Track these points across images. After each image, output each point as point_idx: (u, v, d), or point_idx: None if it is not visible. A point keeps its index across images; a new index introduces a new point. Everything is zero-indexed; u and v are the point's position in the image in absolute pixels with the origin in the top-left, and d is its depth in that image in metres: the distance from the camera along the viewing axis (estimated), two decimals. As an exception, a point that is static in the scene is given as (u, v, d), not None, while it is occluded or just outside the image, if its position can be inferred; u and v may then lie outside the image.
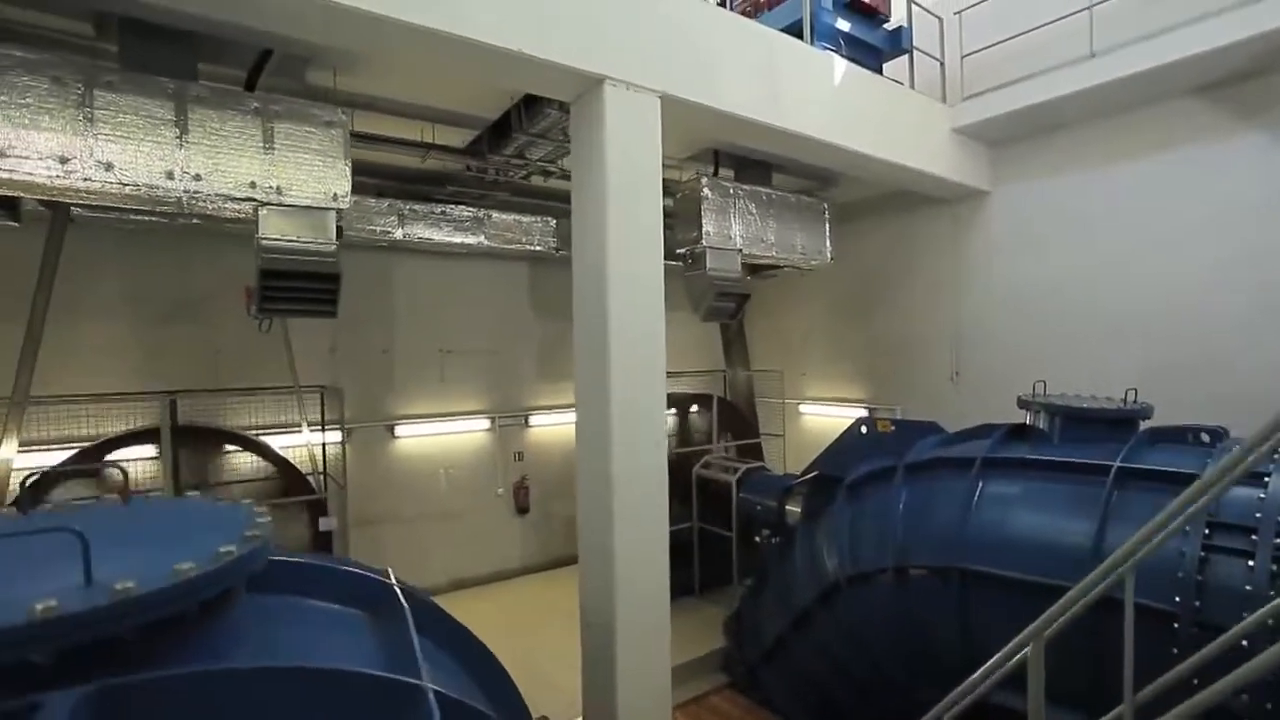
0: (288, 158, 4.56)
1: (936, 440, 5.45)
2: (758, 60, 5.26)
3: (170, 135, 4.19)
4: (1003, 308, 7.45)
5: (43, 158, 3.87)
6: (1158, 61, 5.57)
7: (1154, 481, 3.92)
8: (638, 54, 4.53)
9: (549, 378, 8.88)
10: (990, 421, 7.28)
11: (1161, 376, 6.15)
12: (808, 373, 9.63)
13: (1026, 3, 6.77)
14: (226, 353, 6.85)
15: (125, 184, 4.08)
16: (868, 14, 6.43)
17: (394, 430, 7.77)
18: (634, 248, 4.64)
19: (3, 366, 5.76)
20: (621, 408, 4.54)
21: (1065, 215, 6.93)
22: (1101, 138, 6.63)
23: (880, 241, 8.60)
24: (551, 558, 8.84)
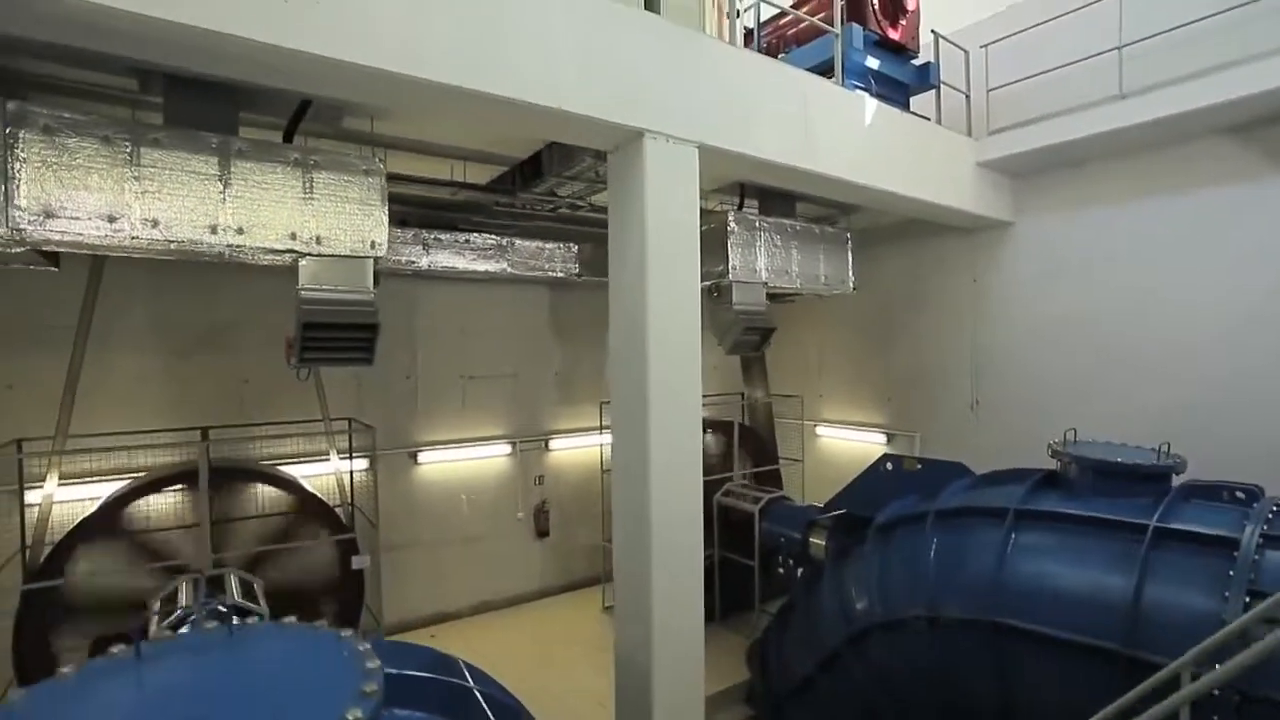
0: (327, 208, 4.58)
1: (965, 483, 5.48)
2: (792, 105, 5.27)
3: (214, 190, 4.21)
4: (1024, 338, 7.48)
5: (91, 217, 3.89)
6: (1188, 106, 5.58)
7: (1191, 543, 3.96)
8: (677, 107, 4.55)
9: (569, 401, 8.92)
10: (1010, 451, 7.39)
11: (1187, 415, 6.20)
12: (825, 395, 9.66)
13: (1053, 37, 6.77)
14: (254, 382, 6.90)
15: (170, 240, 4.10)
16: (897, 50, 6.43)
17: (417, 457, 7.81)
18: (673, 298, 4.70)
19: (40, 400, 5.85)
20: (660, 454, 4.61)
21: (1090, 249, 6.94)
22: (1127, 173, 6.64)
23: (900, 267, 8.62)
24: (570, 580, 8.91)
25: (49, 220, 3.79)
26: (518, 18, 3.88)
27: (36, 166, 3.75)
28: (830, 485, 9.13)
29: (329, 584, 5.80)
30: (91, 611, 4.87)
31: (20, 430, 5.74)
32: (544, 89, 3.98)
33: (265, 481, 5.59)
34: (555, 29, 4.03)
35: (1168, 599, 3.91)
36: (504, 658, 7.19)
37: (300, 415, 6.56)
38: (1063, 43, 6.76)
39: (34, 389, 5.95)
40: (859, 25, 5.97)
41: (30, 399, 5.93)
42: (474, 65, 3.74)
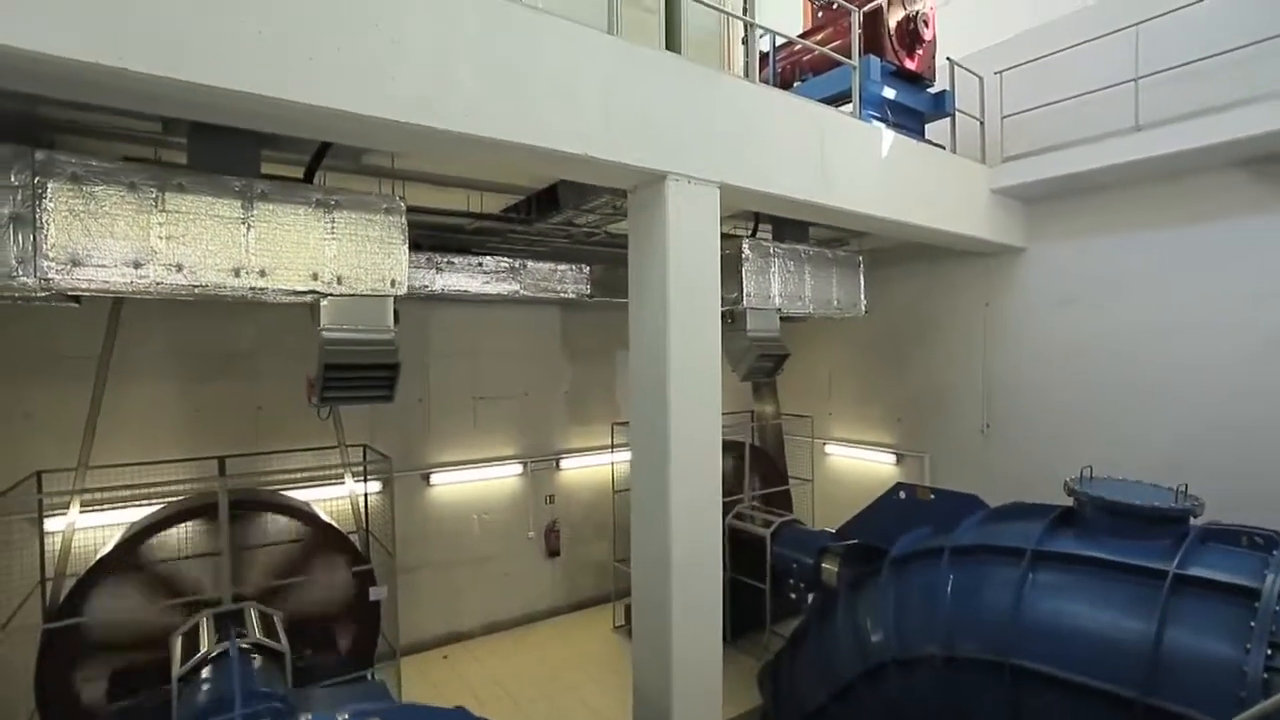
0: (348, 248, 4.58)
1: (980, 517, 5.50)
2: (810, 140, 5.27)
3: (237, 233, 4.22)
4: (1036, 363, 7.49)
5: (117, 264, 3.90)
6: (1204, 142, 5.59)
7: (1211, 590, 3.99)
8: (699, 148, 4.56)
9: (579, 420, 8.94)
10: (1021, 476, 7.43)
11: (1200, 444, 6.22)
12: (835, 414, 9.68)
13: (1067, 62, 6.77)
14: (268, 408, 6.92)
15: (195, 284, 4.11)
16: (913, 79, 6.43)
17: (429, 478, 7.83)
18: (693, 335, 4.73)
19: (58, 428, 5.88)
20: (680, 491, 4.65)
21: (1102, 277, 6.95)
22: (1141, 202, 6.64)
23: (911, 288, 8.63)
24: (579, 598, 8.95)
25: (75, 269, 3.80)
26: (541, 64, 3.89)
27: (64, 215, 3.76)
28: (840, 505, 9.18)
29: (346, 612, 5.82)
30: (112, 647, 4.90)
31: (38, 458, 5.79)
32: (567, 135, 3.99)
33: (282, 513, 5.60)
34: (578, 73, 4.04)
35: (1187, 647, 3.93)
36: (515, 678, 7.25)
37: (314, 439, 6.57)
38: (1078, 68, 6.77)
39: (52, 417, 5.99)
40: (876, 57, 5.96)
41: (48, 427, 5.97)
42: (497, 114, 3.74)
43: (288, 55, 3.13)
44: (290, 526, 5.65)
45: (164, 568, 5.12)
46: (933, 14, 6.40)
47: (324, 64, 3.23)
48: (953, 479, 8.15)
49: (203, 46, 2.94)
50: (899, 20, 6.14)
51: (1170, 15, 6.01)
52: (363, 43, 3.32)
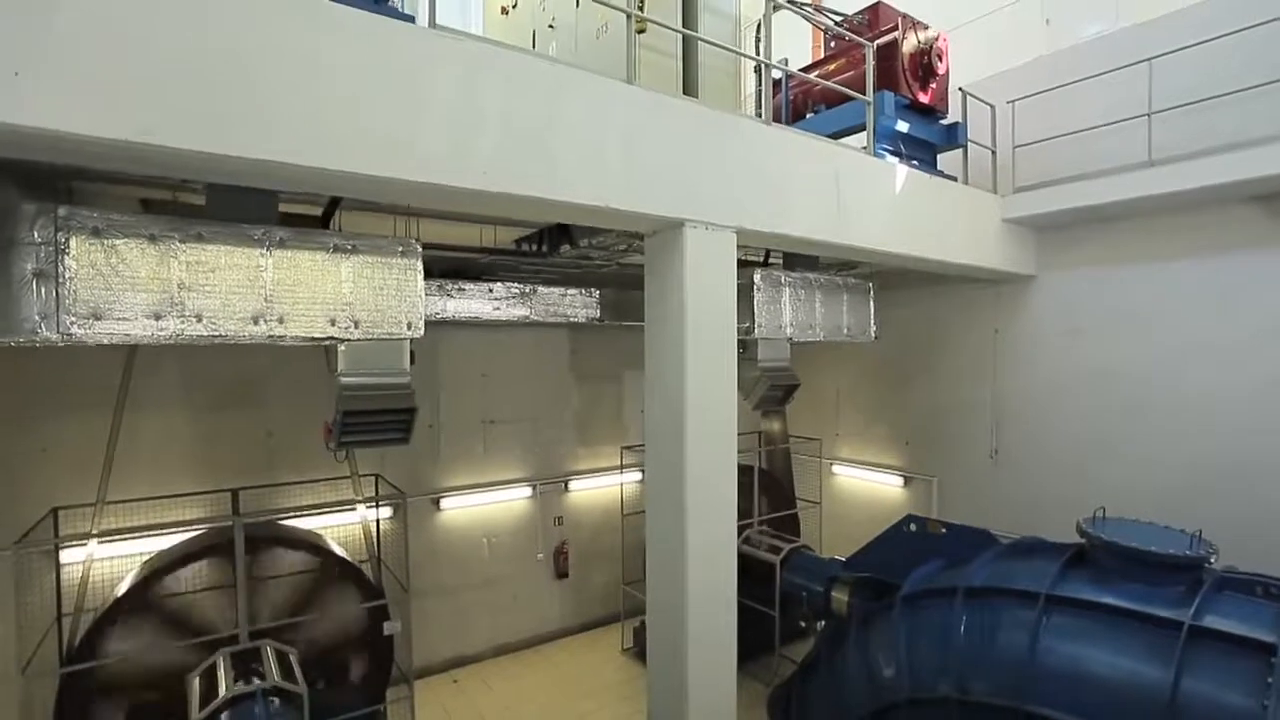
0: (365, 294, 4.59)
1: (992, 555, 5.51)
2: (825, 179, 5.28)
3: (257, 282, 4.23)
4: (1046, 391, 7.50)
5: (138, 316, 3.91)
6: (1218, 180, 5.59)
7: (1228, 643, 4.01)
8: (717, 195, 4.57)
9: (588, 442, 8.96)
10: (1031, 503, 7.45)
11: (1211, 476, 6.24)
12: (842, 434, 9.70)
13: (1080, 93, 6.77)
14: (278, 435, 6.94)
15: (215, 334, 4.12)
16: (926, 112, 6.42)
17: (439, 503, 7.85)
18: (710, 374, 4.75)
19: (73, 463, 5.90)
20: (696, 534, 4.69)
21: (1113, 307, 6.95)
22: (1153, 233, 6.64)
23: (920, 312, 8.63)
24: (589, 619, 8.98)
25: (97, 322, 3.81)
26: (562, 118, 3.89)
27: (86, 270, 3.77)
28: (847, 527, 9.22)
29: (360, 643, 5.84)
30: (129, 686, 4.92)
31: (53, 492, 5.82)
32: (586, 187, 4.00)
33: (297, 547, 5.62)
34: (598, 125, 4.04)
35: (1205, 699, 3.96)
36: (527, 703, 7.29)
37: (325, 465, 6.56)
38: (1090, 97, 6.76)
39: (67, 452, 6.00)
40: (890, 91, 5.95)
41: (64, 461, 5.98)
42: (517, 171, 3.75)
43: (315, 126, 3.14)
44: (305, 560, 5.67)
45: (179, 606, 5.13)
46: (946, 46, 6.39)
47: (349, 131, 3.23)
48: (961, 504, 8.18)
49: (233, 120, 2.94)
50: (913, 53, 6.13)
51: (1184, 45, 5.99)
52: (387, 108, 3.33)
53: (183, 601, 5.13)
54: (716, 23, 5.09)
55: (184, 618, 5.12)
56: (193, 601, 5.19)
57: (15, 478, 5.90)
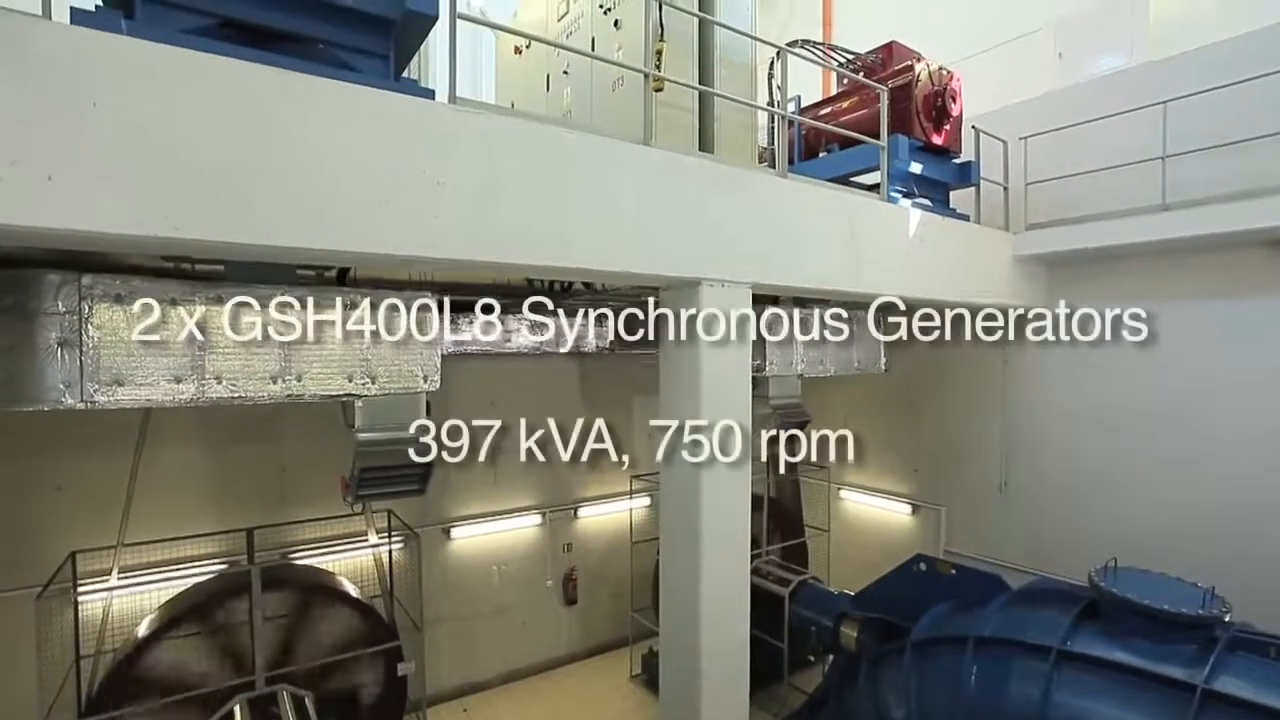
0: (383, 349, 4.61)
1: (1002, 602, 5.53)
2: (839, 228, 5.29)
3: (275, 342, 4.25)
4: (1056, 425, 7.50)
5: (159, 381, 3.94)
6: (1235, 227, 5.58)
7: (1241, 708, 4.03)
8: (732, 253, 4.60)
9: (597, 468, 8.97)
10: (1039, 538, 7.47)
11: (1221, 516, 6.25)
12: (850, 458, 9.70)
13: (1093, 131, 6.75)
14: (292, 469, 6.97)
15: (234, 395, 4.15)
16: (939, 152, 6.42)
17: (449, 532, 7.90)
18: (725, 426, 4.76)
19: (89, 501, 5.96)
20: (710, 580, 4.76)
21: (1123, 344, 6.94)
22: (1165, 273, 6.62)
23: (930, 344, 8.60)
24: (596, 644, 9.03)
25: (119, 388, 3.84)
26: (579, 186, 3.91)
27: (109, 337, 3.80)
28: (853, 551, 9.27)
29: (373, 680, 5.90)
30: (148, 731, 4.98)
31: (69, 527, 5.88)
32: (603, 254, 4.03)
33: (313, 590, 5.67)
34: (616, 190, 4.06)
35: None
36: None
37: (339, 500, 6.55)
38: (1104, 133, 6.74)
39: (83, 489, 6.04)
40: (904, 135, 5.94)
41: (80, 498, 6.03)
42: (535, 241, 3.79)
43: (336, 209, 3.16)
44: (321, 602, 5.72)
45: (194, 653, 5.18)
46: (959, 87, 6.38)
47: (369, 213, 3.26)
48: (970, 534, 8.20)
49: (257, 210, 2.97)
50: (926, 95, 6.12)
51: (1199, 90, 5.98)
52: (409, 190, 3.35)
53: (198, 648, 5.17)
54: (732, 74, 5.08)
55: (199, 665, 5.17)
56: (209, 647, 5.24)
57: (31, 514, 5.95)
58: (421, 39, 3.73)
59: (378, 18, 3.42)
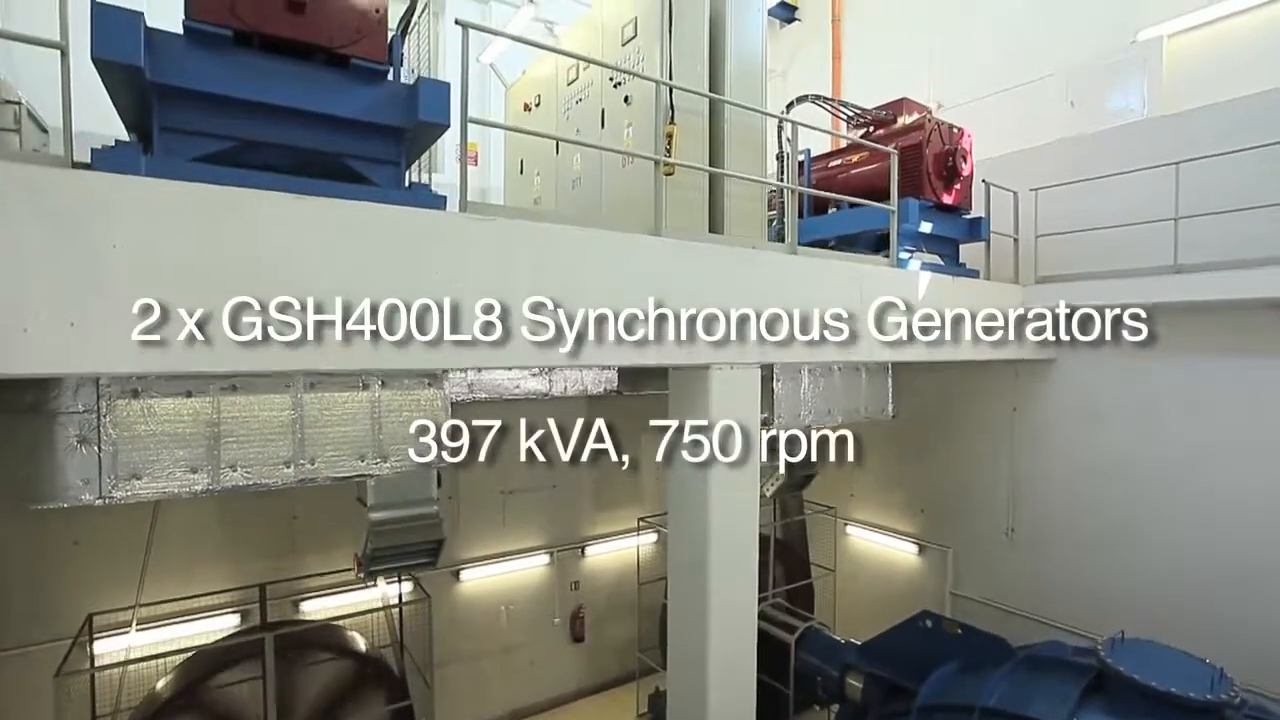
0: (394, 428, 4.66)
1: (1009, 669, 5.54)
2: (849, 296, 5.28)
3: (288, 428, 4.30)
4: (1064, 473, 7.49)
5: (176, 472, 4.00)
6: (1248, 295, 5.55)
7: (1246, 801, 4.05)
8: (742, 338, 4.58)
9: (604, 507, 9.04)
10: (1046, 586, 7.47)
11: (1231, 573, 6.23)
12: (856, 495, 9.73)
13: (1105, 183, 6.71)
14: (304, 517, 7.05)
15: (250, 482, 4.21)
16: (949, 210, 6.40)
17: (459, 574, 7.97)
18: (734, 508, 4.80)
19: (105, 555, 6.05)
20: (718, 649, 4.76)
21: (1131, 397, 6.92)
22: (1176, 329, 6.57)
23: (938, 384, 8.60)
24: (603, 681, 9.10)
25: (136, 482, 3.91)
26: (590, 283, 3.92)
27: (126, 434, 3.86)
28: (863, 590, 9.29)
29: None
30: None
31: (86, 583, 5.98)
32: (615, 351, 4.03)
33: (326, 648, 5.74)
34: (626, 284, 4.07)
35: None
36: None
37: (349, 545, 6.64)
38: (1115, 185, 6.70)
39: (100, 543, 6.13)
40: (913, 199, 5.93)
41: (96, 553, 6.12)
42: (545, 339, 3.79)
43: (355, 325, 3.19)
44: (332, 659, 5.79)
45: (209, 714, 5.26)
46: (970, 145, 6.35)
47: (388, 325, 3.29)
48: (977, 578, 8.22)
49: (276, 334, 3.00)
50: (937, 154, 6.10)
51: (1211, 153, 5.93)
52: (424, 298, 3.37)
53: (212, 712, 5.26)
54: (743, 147, 5.07)
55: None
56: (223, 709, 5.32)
57: (49, 568, 6.05)
58: (433, 141, 3.75)
59: (391, 128, 3.45)
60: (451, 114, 3.47)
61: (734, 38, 5.23)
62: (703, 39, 5.00)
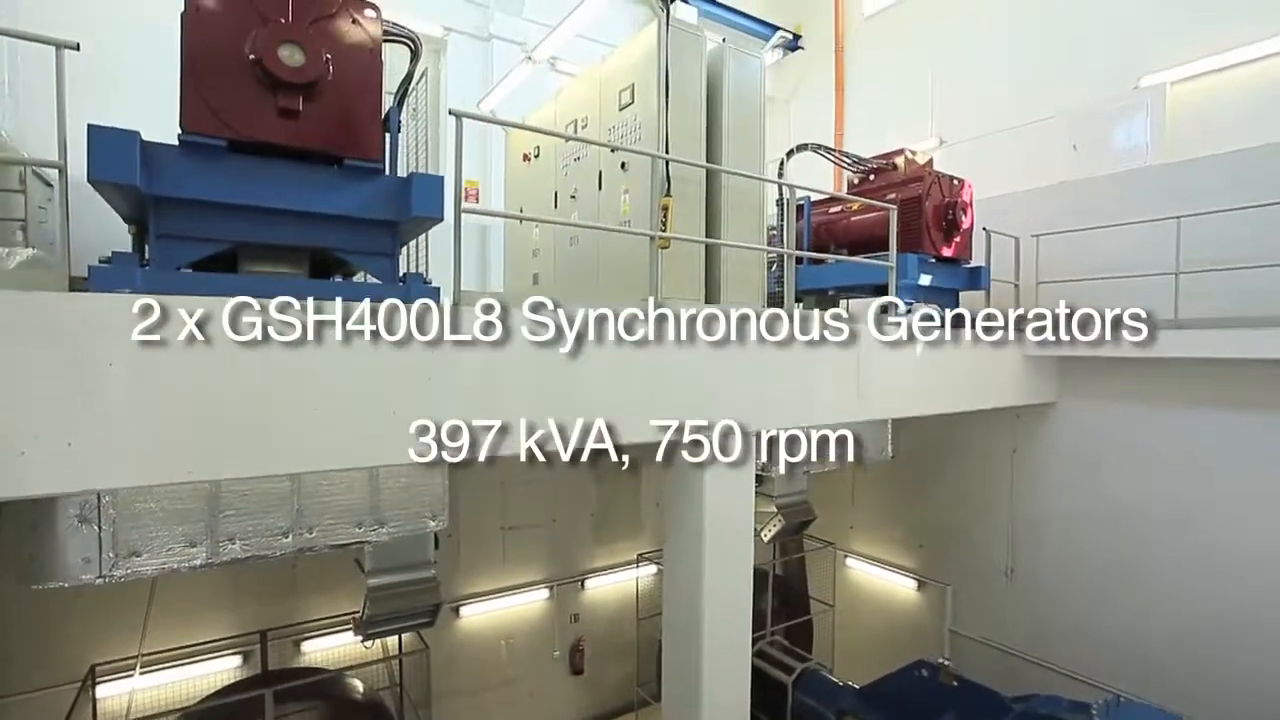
0: (391, 493, 4.70)
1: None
2: (848, 363, 5.28)
3: (287, 500, 4.35)
4: (1065, 517, 7.46)
5: (175, 548, 4.05)
6: (1248, 355, 5.52)
7: None
8: (739, 410, 4.58)
9: (603, 540, 9.07)
10: (1046, 629, 7.46)
11: (1233, 623, 6.21)
12: (856, 527, 9.73)
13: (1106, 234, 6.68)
14: (303, 560, 7.10)
15: (248, 554, 4.26)
16: (949, 262, 6.38)
17: (459, 610, 8.02)
18: (729, 584, 4.79)
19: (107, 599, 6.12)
20: (711, 708, 4.76)
21: (1134, 443, 6.88)
22: (1177, 379, 6.55)
23: (937, 429, 8.58)
24: (602, 712, 9.15)
25: (135, 559, 3.97)
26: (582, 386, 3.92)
27: (125, 511, 3.91)
28: (862, 624, 9.30)
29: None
30: None
31: (87, 636, 6.05)
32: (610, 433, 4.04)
33: (326, 698, 5.79)
34: (620, 365, 4.08)
35: None
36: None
37: (349, 586, 6.76)
38: (1117, 234, 6.67)
39: (102, 594, 6.18)
40: (913, 254, 5.91)
41: (98, 604, 6.18)
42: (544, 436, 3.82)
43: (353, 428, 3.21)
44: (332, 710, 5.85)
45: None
46: (970, 195, 6.32)
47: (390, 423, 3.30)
48: (976, 616, 8.21)
49: (268, 445, 3.03)
50: (936, 207, 6.08)
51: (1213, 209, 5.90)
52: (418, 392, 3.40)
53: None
54: (741, 212, 5.07)
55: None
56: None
57: (52, 615, 6.12)
58: (426, 230, 3.77)
59: (384, 222, 3.47)
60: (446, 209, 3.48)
61: (732, 95, 5.21)
62: (699, 103, 4.99)
